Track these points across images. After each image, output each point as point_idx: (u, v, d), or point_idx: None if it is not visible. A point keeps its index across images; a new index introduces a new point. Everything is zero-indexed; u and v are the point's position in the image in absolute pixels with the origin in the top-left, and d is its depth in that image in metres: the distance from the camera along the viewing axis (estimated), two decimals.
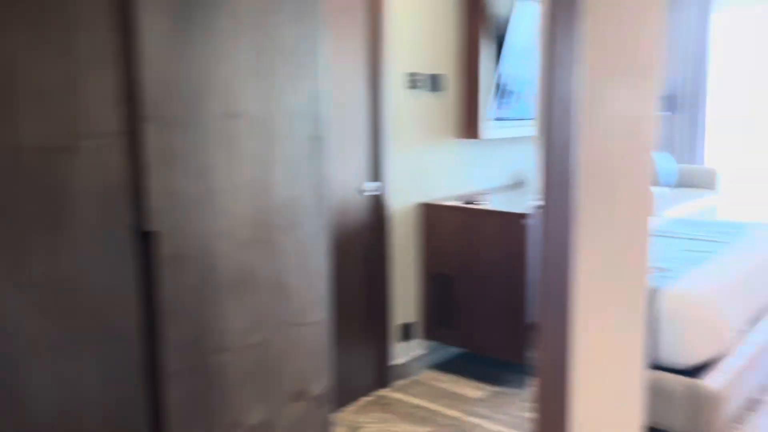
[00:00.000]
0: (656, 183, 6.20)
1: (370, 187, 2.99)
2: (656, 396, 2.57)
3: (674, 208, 5.16)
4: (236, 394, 1.73)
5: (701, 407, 2.52)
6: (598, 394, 1.21)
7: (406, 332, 3.31)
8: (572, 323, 1.09)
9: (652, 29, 1.11)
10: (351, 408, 2.99)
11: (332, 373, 2.09)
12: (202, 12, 1.49)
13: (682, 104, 7.18)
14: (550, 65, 0.91)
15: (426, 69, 3.24)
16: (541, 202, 1.05)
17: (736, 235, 3.73)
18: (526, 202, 3.36)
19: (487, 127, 3.43)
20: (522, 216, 2.94)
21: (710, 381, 2.55)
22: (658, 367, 2.64)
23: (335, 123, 2.81)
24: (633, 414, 1.30)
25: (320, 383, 2.02)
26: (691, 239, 3.66)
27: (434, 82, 3.28)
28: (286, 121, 1.78)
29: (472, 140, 3.57)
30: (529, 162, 4.08)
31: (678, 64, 7.11)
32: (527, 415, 2.89)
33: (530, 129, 3.82)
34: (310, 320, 1.96)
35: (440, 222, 3.23)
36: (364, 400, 3.07)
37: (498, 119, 3.57)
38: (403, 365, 3.28)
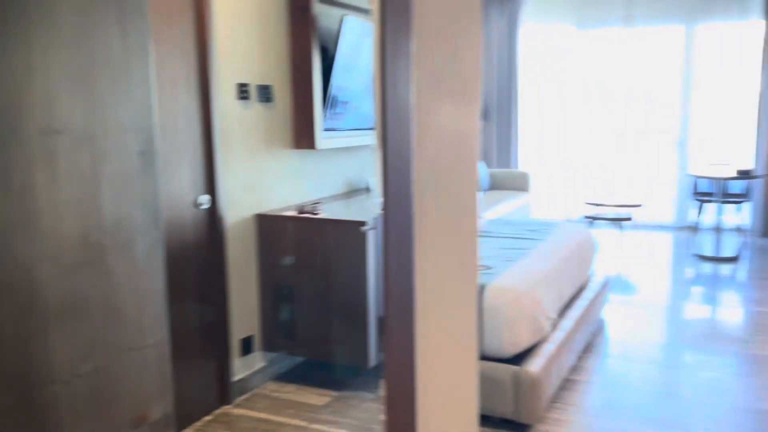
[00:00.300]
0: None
1: (204, 200, 2.92)
2: (484, 384, 2.78)
3: (492, 210, 5.58)
4: (70, 427, 1.62)
5: (525, 391, 2.78)
6: (440, 389, 1.30)
7: (248, 346, 3.27)
8: (415, 324, 1.17)
9: (472, 50, 1.22)
10: (192, 429, 2.90)
11: (172, 394, 2.02)
12: (17, 25, 1.39)
13: (496, 113, 7.78)
14: (385, 83, 0.98)
15: (257, 80, 3.23)
16: (383, 209, 1.11)
17: (546, 231, 4.14)
18: (364, 209, 3.47)
19: (322, 137, 3.50)
20: (361, 223, 3.03)
21: (531, 366, 2.81)
22: (484, 357, 2.86)
23: (167, 135, 2.72)
24: (470, 404, 1.41)
25: (161, 406, 1.94)
26: (508, 238, 3.99)
27: (266, 93, 3.28)
28: (114, 136, 1.70)
29: (308, 150, 3.62)
30: (363, 170, 4.21)
31: (490, 75, 7.72)
32: (372, 417, 2.98)
33: (363, 138, 3.95)
34: (148, 342, 1.89)
35: (278, 233, 3.24)
36: (205, 419, 2.99)
37: (331, 129, 3.65)
38: (245, 380, 3.24)
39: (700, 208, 6.76)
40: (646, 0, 7.16)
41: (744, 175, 5.81)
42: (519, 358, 2.88)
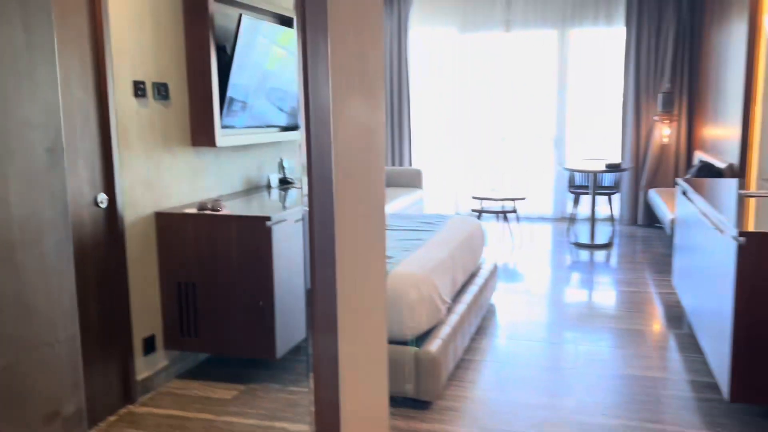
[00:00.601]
0: None
1: (103, 198, 2.89)
2: (388, 366, 2.95)
3: (388, 206, 5.79)
4: None
5: (425, 371, 2.97)
6: (357, 375, 1.42)
7: (150, 345, 3.25)
8: (338, 307, 1.29)
9: (376, 52, 1.36)
10: (96, 430, 2.86)
11: (84, 389, 2.03)
12: None
13: (389, 113, 8.02)
14: (308, 83, 1.10)
15: (154, 77, 3.22)
16: (307, 199, 1.22)
17: (439, 224, 4.38)
18: (266, 205, 3.54)
19: (220, 134, 3.53)
20: (266, 218, 3.11)
21: (431, 348, 3.01)
22: (387, 341, 3.03)
23: (65, 134, 2.67)
24: (382, 388, 1.56)
25: (74, 402, 1.95)
26: (405, 230, 4.20)
27: (163, 91, 3.28)
28: (20, 133, 1.70)
29: (206, 148, 3.64)
30: (262, 168, 4.27)
31: (383, 77, 7.95)
32: (280, 406, 3.07)
33: (261, 136, 4.00)
34: (59, 338, 1.89)
35: (180, 230, 3.25)
36: (109, 420, 2.96)
37: (229, 127, 3.69)
38: (149, 379, 3.22)
39: (576, 200, 7.31)
40: (523, 6, 7.64)
41: (612, 168, 6.37)
42: (419, 341, 3.07)
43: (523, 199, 6.86)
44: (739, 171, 5.03)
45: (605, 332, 4.00)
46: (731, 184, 4.18)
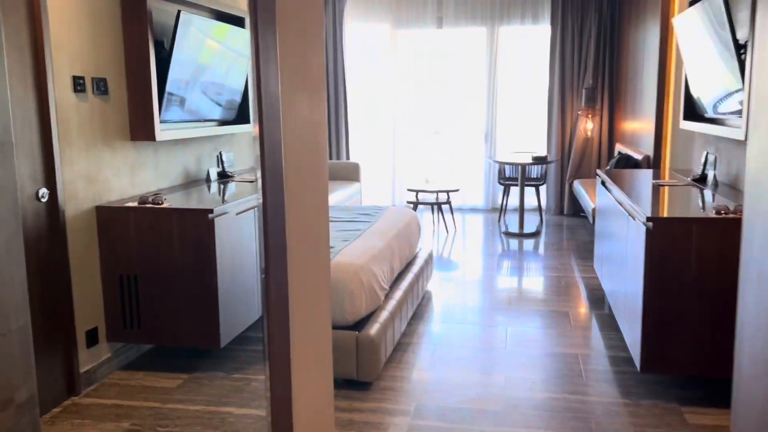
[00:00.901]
0: None
1: (44, 192, 2.90)
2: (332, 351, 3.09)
3: (329, 197, 5.91)
4: None
5: (365, 353, 3.13)
6: (306, 359, 1.56)
7: (93, 337, 3.28)
8: (289, 291, 1.42)
9: (317, 51, 1.49)
10: (40, 422, 2.88)
11: (35, 377, 2.08)
12: None
13: (328, 107, 8.11)
14: (260, 81, 1.22)
15: (93, 73, 3.24)
16: (261, 190, 1.35)
17: (377, 215, 4.54)
18: (206, 198, 3.60)
19: (159, 129, 3.57)
20: (209, 211, 3.18)
21: (370, 331, 3.17)
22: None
23: None
24: (327, 371, 1.69)
25: (27, 388, 2.01)
26: (344, 221, 4.34)
27: (102, 86, 3.30)
28: None
29: (145, 142, 3.67)
30: (201, 162, 4.32)
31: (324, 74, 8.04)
32: (225, 393, 3.16)
33: (199, 131, 4.06)
34: (11, 328, 1.94)
35: (121, 224, 3.28)
36: (54, 411, 2.98)
37: (168, 122, 3.73)
38: (92, 371, 3.25)
39: (506, 191, 7.63)
40: (454, 3, 7.88)
41: (539, 161, 6.69)
42: (359, 325, 3.23)
43: (457, 190, 7.11)
44: (654, 162, 5.41)
45: (534, 314, 4.26)
46: (646, 174, 4.52)
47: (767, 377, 1.42)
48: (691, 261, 2.85)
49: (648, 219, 2.89)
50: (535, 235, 6.75)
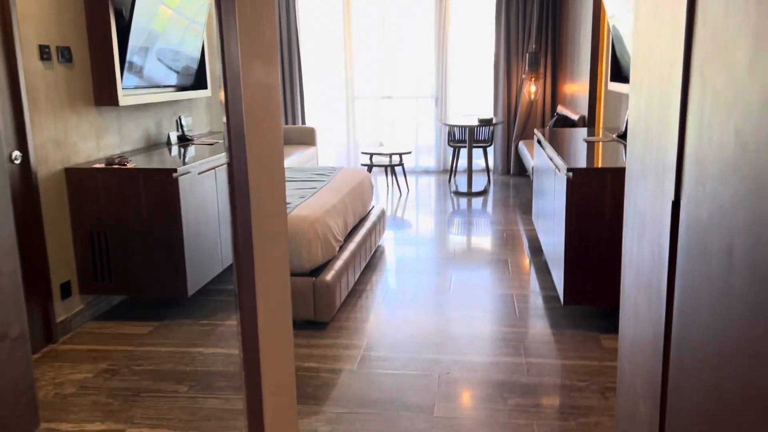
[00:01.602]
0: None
1: (17, 155, 3.11)
2: (292, 296, 3.41)
3: (286, 161, 6.17)
4: None
5: (321, 297, 3.45)
6: (269, 305, 1.83)
7: (67, 290, 3.53)
8: (254, 243, 1.70)
9: (270, 18, 1.76)
10: None
11: (26, 316, 2.35)
12: None
13: (282, 73, 8.30)
14: (224, 48, 1.50)
15: (57, 42, 3.42)
16: (228, 153, 1.63)
17: (331, 175, 4.84)
18: (168, 159, 3.84)
19: (122, 94, 3.78)
20: (172, 171, 3.44)
21: (326, 278, 3.49)
22: (291, 274, 3.48)
23: None
24: (286, 314, 1.97)
25: (18, 325, 2.28)
26: (299, 181, 4.62)
27: (66, 54, 3.48)
28: None
29: (109, 107, 3.87)
30: (161, 126, 4.53)
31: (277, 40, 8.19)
32: (194, 337, 3.46)
33: (160, 96, 4.27)
34: (3, 271, 2.20)
35: (90, 184, 3.51)
36: (34, 357, 3.24)
37: (130, 87, 3.93)
38: (67, 321, 3.51)
39: (456, 153, 7.98)
40: None
41: (486, 123, 7.05)
42: (316, 272, 3.55)
43: (409, 153, 7.43)
44: (589, 121, 5.81)
45: (477, 263, 4.65)
46: (580, 132, 4.91)
47: (644, 304, 1.79)
48: (605, 206, 3.25)
49: (569, 170, 3.26)
50: (483, 193, 7.14)
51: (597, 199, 3.25)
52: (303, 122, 8.47)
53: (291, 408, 1.87)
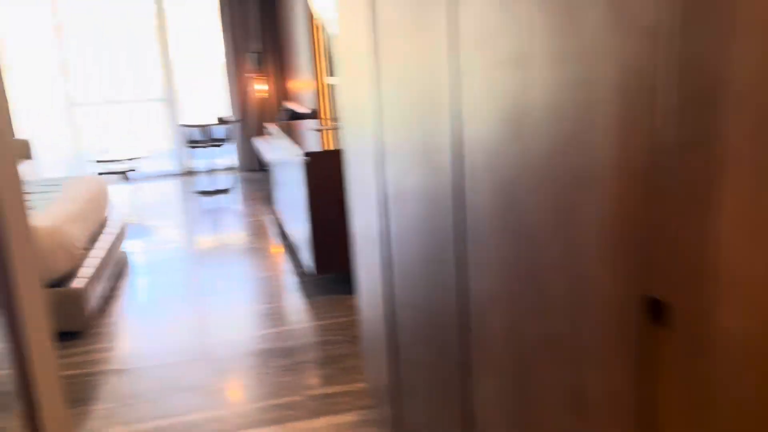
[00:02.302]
0: None
1: None
2: None
3: None
4: None
5: (71, 306, 3.36)
6: (34, 323, 1.84)
7: None
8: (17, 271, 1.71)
9: None
10: None
11: None
12: None
13: None
14: None
15: None
16: None
17: (58, 185, 4.61)
18: None
19: None
20: None
21: (72, 287, 3.40)
22: None
23: None
24: (46, 328, 1.97)
25: None
26: (33, 194, 4.34)
27: None
28: None
29: None
30: None
31: None
32: None
33: None
34: None
35: None
36: None
37: None
38: None
39: (195, 153, 7.99)
40: None
41: (222, 121, 7.19)
42: (62, 282, 3.43)
43: (144, 158, 7.26)
44: (318, 114, 6.31)
45: (233, 254, 4.83)
46: (309, 123, 5.34)
47: (370, 264, 2.17)
48: (338, 183, 3.68)
49: (306, 154, 3.62)
50: (227, 191, 7.29)
51: (332, 177, 3.66)
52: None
53: (65, 416, 1.93)
